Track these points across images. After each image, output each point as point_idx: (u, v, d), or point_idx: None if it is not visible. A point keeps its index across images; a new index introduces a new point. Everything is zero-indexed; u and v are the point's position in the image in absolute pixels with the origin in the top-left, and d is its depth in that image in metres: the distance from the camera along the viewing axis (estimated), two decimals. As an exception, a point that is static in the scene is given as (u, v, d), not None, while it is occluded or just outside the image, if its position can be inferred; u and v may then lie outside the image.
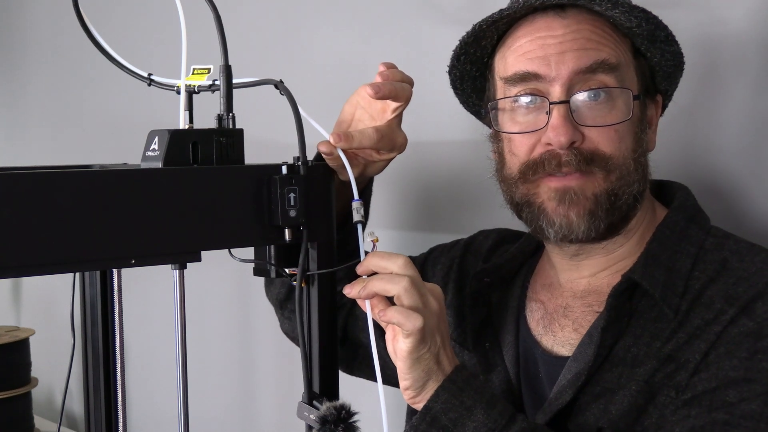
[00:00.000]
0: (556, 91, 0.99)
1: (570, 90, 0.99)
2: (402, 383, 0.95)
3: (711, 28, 1.21)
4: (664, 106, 1.10)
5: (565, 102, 0.98)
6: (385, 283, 0.93)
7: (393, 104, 1.03)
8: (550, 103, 0.99)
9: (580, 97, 0.99)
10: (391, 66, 1.04)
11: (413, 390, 0.95)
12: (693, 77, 1.10)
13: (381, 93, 1.00)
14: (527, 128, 1.01)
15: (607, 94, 0.99)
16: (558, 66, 0.99)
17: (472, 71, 1.10)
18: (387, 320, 0.93)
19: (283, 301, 1.22)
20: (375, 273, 0.96)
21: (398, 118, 1.05)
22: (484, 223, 1.31)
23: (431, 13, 1.55)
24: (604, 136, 0.99)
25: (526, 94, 1.01)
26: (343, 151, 0.99)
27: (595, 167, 0.99)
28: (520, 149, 1.02)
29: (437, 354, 0.94)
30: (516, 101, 1.02)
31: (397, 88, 1.01)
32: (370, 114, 1.06)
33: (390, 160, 1.07)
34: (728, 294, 0.95)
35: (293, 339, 1.28)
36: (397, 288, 0.93)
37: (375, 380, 0.95)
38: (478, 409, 0.93)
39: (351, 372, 1.27)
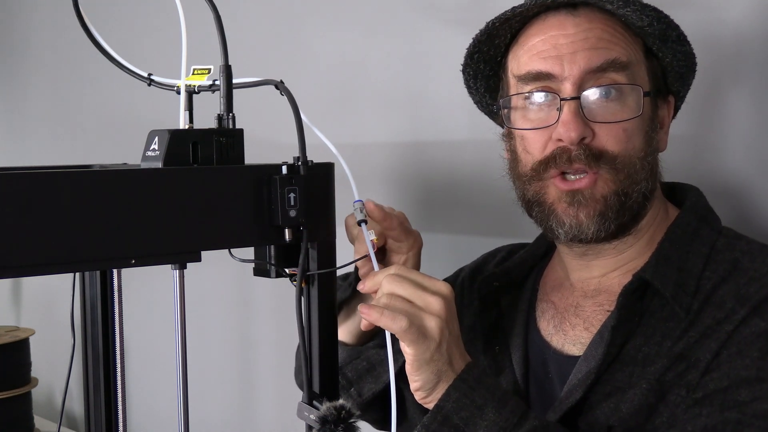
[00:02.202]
0: (567, 89, 1.00)
1: (581, 87, 1.00)
2: (412, 385, 0.95)
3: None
4: (677, 108, 1.10)
5: (576, 98, 0.99)
6: (370, 303, 0.94)
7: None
8: (561, 100, 1.00)
9: (591, 94, 1.00)
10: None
11: (424, 391, 0.95)
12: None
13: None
14: (539, 125, 1.02)
15: (617, 91, 1.00)
16: (570, 65, 1.00)
17: (486, 70, 1.10)
18: (374, 322, 0.93)
19: None
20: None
21: (403, 230, 1.10)
22: (484, 223, 1.31)
23: (431, 13, 1.55)
24: (613, 134, 1.00)
25: (537, 91, 1.02)
26: None
27: (603, 165, 0.99)
28: (533, 147, 1.03)
29: (448, 354, 0.94)
30: (528, 99, 1.03)
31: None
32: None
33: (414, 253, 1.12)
34: (740, 294, 0.95)
35: None
36: (379, 303, 0.93)
37: None
38: (490, 407, 0.93)
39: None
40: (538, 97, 1.02)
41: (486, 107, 1.16)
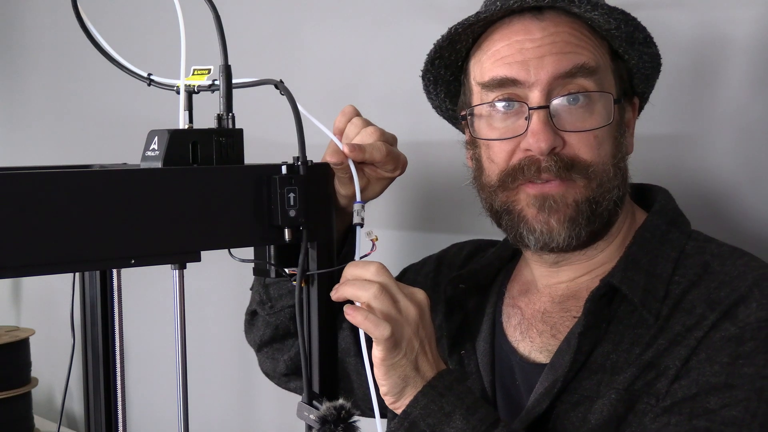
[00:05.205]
0: (536, 96, 0.97)
1: (549, 95, 0.97)
2: (381, 389, 0.95)
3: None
4: (641, 108, 1.09)
5: (545, 107, 0.97)
6: (355, 289, 0.93)
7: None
8: (530, 109, 0.97)
9: (560, 101, 0.97)
10: (354, 149, 1.01)
11: (391, 396, 0.95)
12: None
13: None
14: (506, 134, 0.99)
15: (586, 98, 0.97)
16: (537, 71, 0.97)
17: (447, 75, 1.08)
18: (357, 325, 0.93)
19: (266, 343, 1.22)
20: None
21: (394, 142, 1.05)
22: (483, 223, 1.31)
23: (431, 13, 1.55)
24: (584, 142, 0.97)
25: (503, 100, 0.99)
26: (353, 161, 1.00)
27: (575, 174, 0.97)
28: (498, 156, 1.00)
29: (414, 360, 0.94)
30: (493, 106, 1.00)
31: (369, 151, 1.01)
32: None
33: (391, 181, 1.07)
34: (710, 299, 0.93)
35: (273, 378, 1.27)
36: (366, 295, 0.92)
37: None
38: (457, 415, 0.92)
39: None
40: (504, 105, 0.99)
41: (446, 112, 1.14)
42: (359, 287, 0.93)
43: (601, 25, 0.98)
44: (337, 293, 0.95)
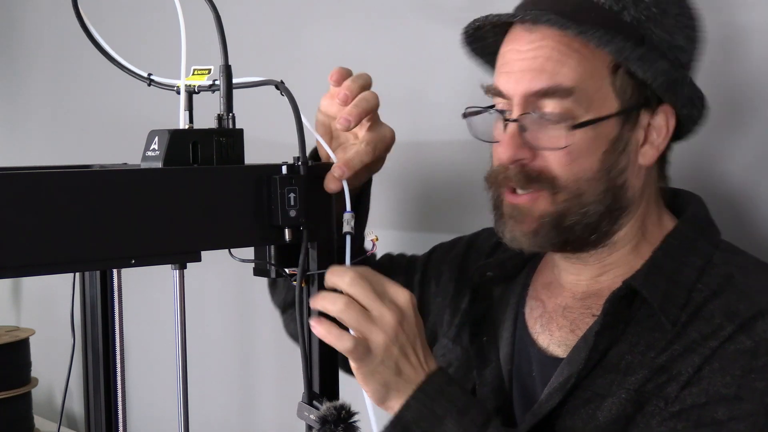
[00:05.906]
0: (513, 109, 1.00)
1: (524, 108, 0.98)
2: (365, 393, 0.96)
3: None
4: (684, 115, 1.02)
5: (515, 121, 0.99)
6: (325, 303, 0.93)
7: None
8: (505, 120, 1.00)
9: (531, 117, 0.98)
10: (343, 75, 1.05)
11: (375, 399, 0.96)
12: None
13: (351, 124, 1.02)
14: (489, 139, 1.04)
15: (558, 116, 0.97)
16: (516, 85, 0.99)
17: (481, 61, 1.11)
18: (320, 338, 0.93)
19: (291, 303, 1.23)
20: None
21: (374, 119, 1.07)
22: (484, 223, 1.31)
23: (431, 13, 1.55)
24: (554, 157, 0.98)
25: (492, 107, 1.03)
26: None
27: (542, 186, 0.98)
28: (493, 155, 1.05)
29: (394, 366, 0.94)
30: (488, 111, 1.04)
31: (362, 105, 1.03)
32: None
33: (388, 149, 1.09)
34: (729, 310, 0.94)
35: (297, 340, 1.28)
36: (334, 309, 0.92)
37: None
38: (449, 418, 0.93)
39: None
40: (494, 112, 1.03)
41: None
42: (329, 301, 0.93)
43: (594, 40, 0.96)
44: (313, 304, 0.95)
